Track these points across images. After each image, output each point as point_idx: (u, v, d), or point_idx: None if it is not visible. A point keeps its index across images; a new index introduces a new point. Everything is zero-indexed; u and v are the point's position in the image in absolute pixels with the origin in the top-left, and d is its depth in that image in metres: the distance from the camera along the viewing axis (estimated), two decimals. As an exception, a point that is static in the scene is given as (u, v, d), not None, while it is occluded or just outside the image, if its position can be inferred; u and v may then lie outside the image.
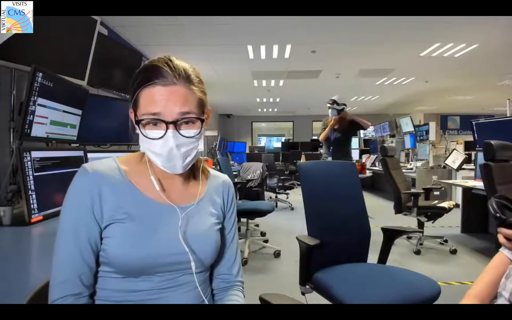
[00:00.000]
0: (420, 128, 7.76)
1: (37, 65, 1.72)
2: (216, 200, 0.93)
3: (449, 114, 13.30)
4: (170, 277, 0.81)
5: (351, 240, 1.87)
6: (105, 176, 0.80)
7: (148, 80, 0.78)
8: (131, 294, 0.78)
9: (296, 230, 1.99)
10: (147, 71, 0.79)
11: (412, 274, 1.68)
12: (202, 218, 0.88)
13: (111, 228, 0.78)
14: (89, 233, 0.77)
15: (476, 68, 6.35)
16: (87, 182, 0.78)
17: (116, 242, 0.77)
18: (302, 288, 1.76)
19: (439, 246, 3.90)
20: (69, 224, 0.77)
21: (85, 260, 0.76)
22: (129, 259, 0.76)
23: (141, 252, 0.77)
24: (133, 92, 0.80)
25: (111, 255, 0.77)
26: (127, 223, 0.78)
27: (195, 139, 0.82)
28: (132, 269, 0.78)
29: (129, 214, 0.79)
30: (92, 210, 0.77)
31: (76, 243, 0.76)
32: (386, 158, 4.24)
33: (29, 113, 1.73)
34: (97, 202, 0.77)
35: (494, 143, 2.40)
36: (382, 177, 7.60)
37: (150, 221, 0.80)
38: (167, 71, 0.78)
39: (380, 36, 4.74)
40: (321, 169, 2.01)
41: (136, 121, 0.80)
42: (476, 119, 4.58)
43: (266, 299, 0.99)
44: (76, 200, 0.78)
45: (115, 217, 0.78)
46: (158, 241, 0.79)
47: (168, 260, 0.80)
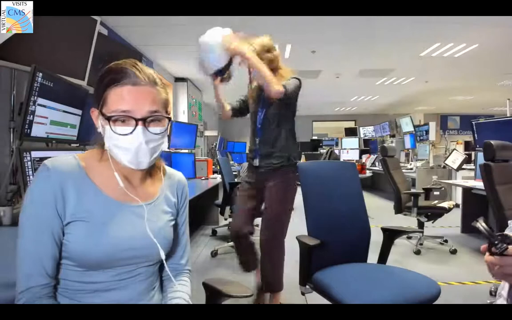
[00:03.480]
0: (420, 128, 7.75)
1: (37, 65, 1.72)
2: (171, 198, 0.99)
3: (449, 114, 13.30)
4: (126, 269, 0.86)
5: (351, 240, 1.87)
6: (67, 173, 0.82)
7: (118, 80, 0.83)
8: (90, 284, 0.83)
9: (296, 230, 1.99)
10: (115, 72, 0.84)
11: (412, 274, 1.68)
12: (159, 216, 0.93)
13: (72, 225, 0.81)
14: (52, 228, 0.80)
15: (476, 68, 6.35)
16: (50, 179, 0.80)
17: (76, 239, 0.80)
18: (302, 288, 1.76)
19: (439, 246, 3.90)
20: (32, 220, 0.80)
21: (49, 253, 0.79)
22: (89, 255, 0.80)
23: (101, 249, 0.81)
24: (102, 91, 0.84)
25: (72, 251, 0.80)
26: (88, 222, 0.81)
27: (161, 135, 0.87)
28: (91, 264, 0.82)
29: (90, 212, 0.82)
30: (55, 207, 0.80)
31: (39, 237, 0.79)
32: (386, 158, 4.24)
33: (29, 113, 1.72)
34: (60, 199, 0.80)
35: (494, 143, 2.39)
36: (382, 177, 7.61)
37: (109, 219, 0.84)
38: (135, 73, 0.83)
39: (380, 36, 4.74)
40: (321, 169, 2.00)
41: (106, 117, 0.83)
42: (476, 119, 4.58)
43: (210, 284, 1.00)
44: (40, 196, 0.80)
45: (76, 215, 0.81)
46: (117, 238, 0.83)
47: (126, 255, 0.85)
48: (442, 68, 6.36)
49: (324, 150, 8.81)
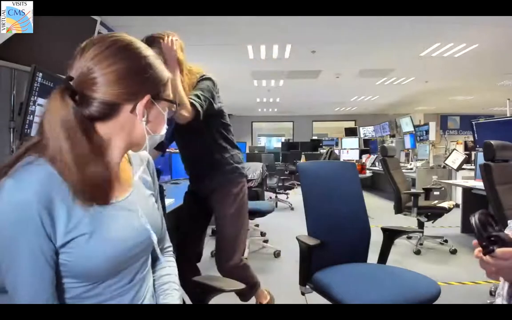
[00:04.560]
0: (420, 128, 7.75)
1: (37, 65, 1.72)
2: (146, 178, 0.93)
3: (449, 114, 13.29)
4: (135, 269, 0.83)
5: (351, 240, 1.87)
6: (49, 188, 0.68)
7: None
8: (100, 296, 0.76)
9: (296, 230, 1.99)
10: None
11: (412, 274, 1.68)
12: (146, 199, 0.88)
13: (70, 245, 0.71)
14: (45, 255, 0.69)
15: (476, 68, 6.34)
16: (31, 201, 0.66)
17: (77, 257, 0.71)
18: (302, 288, 1.76)
19: (439, 246, 3.90)
20: (22, 255, 0.67)
21: (47, 286, 0.70)
22: (93, 268, 0.73)
23: (105, 258, 0.73)
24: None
25: (73, 270, 0.72)
26: (87, 234, 0.72)
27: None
28: (96, 276, 0.75)
29: (87, 223, 0.72)
30: (43, 230, 0.68)
31: (36, 273, 0.68)
32: (386, 158, 4.24)
33: (29, 113, 1.72)
34: (47, 220, 0.68)
35: (494, 143, 2.40)
36: (382, 177, 7.60)
37: (107, 223, 0.75)
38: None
39: (380, 36, 4.74)
40: (321, 169, 2.01)
41: (170, 101, 0.83)
42: (476, 119, 4.58)
43: (201, 281, 0.98)
44: (22, 221, 0.66)
45: (70, 235, 0.70)
46: (120, 240, 0.76)
47: (130, 254, 0.79)
48: (442, 68, 6.36)
49: (324, 150, 8.81)
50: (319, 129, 14.17)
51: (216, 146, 1.86)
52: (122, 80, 0.74)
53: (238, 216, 1.89)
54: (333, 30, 4.55)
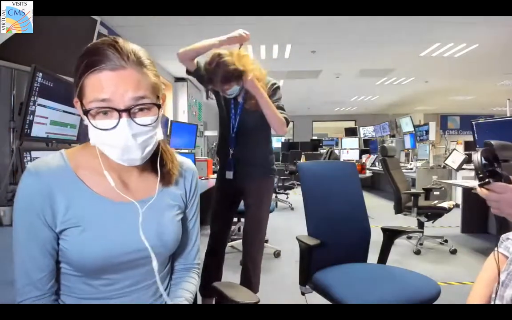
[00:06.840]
0: (420, 128, 7.75)
1: (37, 65, 1.72)
2: (176, 191, 0.88)
3: (449, 114, 13.29)
4: (131, 273, 0.81)
5: (351, 240, 1.87)
6: (53, 178, 0.74)
7: (93, 64, 0.69)
8: (93, 290, 0.78)
9: (296, 230, 1.99)
10: (90, 55, 0.70)
11: (412, 274, 1.68)
12: (163, 211, 0.85)
13: (65, 233, 0.75)
14: (42, 240, 0.74)
15: (476, 68, 6.34)
16: (35, 188, 0.73)
17: (71, 246, 0.75)
18: (302, 288, 1.76)
19: (439, 246, 3.90)
20: (21, 234, 0.75)
21: (41, 265, 0.75)
22: (86, 261, 0.75)
23: (98, 255, 0.75)
24: (78, 80, 0.71)
25: (69, 257, 0.75)
26: (80, 226, 0.74)
27: (152, 126, 0.74)
28: (90, 270, 0.76)
29: (81, 217, 0.75)
30: (43, 218, 0.74)
31: (29, 252, 0.74)
32: (386, 158, 4.24)
33: (29, 113, 1.73)
34: (48, 209, 0.74)
35: (494, 143, 2.40)
36: (382, 177, 7.61)
37: (104, 222, 0.77)
38: (113, 54, 0.69)
39: (380, 36, 4.73)
40: (321, 169, 2.01)
41: (84, 111, 0.72)
42: (476, 119, 4.57)
43: (219, 288, 0.96)
44: (25, 209, 0.74)
45: (68, 222, 0.74)
46: (114, 242, 0.76)
47: (126, 259, 0.78)
48: (442, 68, 6.35)
49: (324, 150, 8.81)
50: (319, 129, 14.17)
51: (267, 145, 2.17)
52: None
53: (268, 207, 2.20)
54: (333, 30, 4.55)
